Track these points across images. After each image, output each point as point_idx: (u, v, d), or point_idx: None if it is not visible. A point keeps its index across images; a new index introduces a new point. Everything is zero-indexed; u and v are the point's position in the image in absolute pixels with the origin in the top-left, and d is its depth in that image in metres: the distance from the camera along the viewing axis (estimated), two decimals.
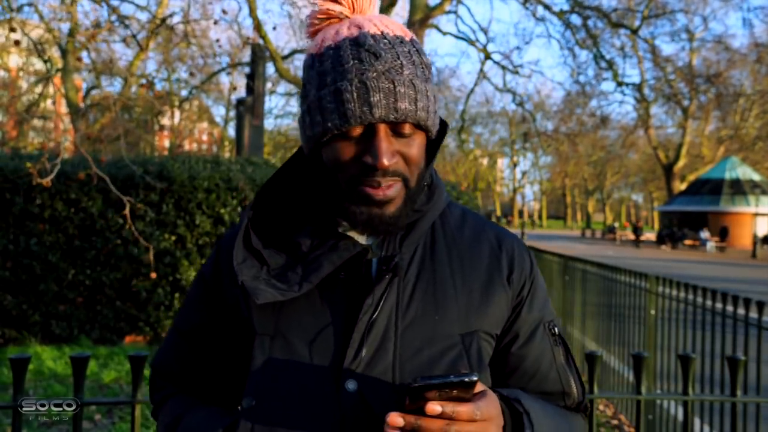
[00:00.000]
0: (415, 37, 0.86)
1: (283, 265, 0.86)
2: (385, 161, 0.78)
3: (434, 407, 0.68)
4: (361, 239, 0.88)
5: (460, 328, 0.86)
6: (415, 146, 0.82)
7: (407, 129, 0.80)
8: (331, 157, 0.81)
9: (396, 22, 0.86)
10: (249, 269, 0.85)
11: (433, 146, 0.90)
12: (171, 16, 7.75)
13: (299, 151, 0.94)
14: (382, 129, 0.79)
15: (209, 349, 0.96)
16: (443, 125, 0.92)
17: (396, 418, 0.69)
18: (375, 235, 0.86)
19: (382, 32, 0.81)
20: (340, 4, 0.85)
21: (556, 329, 0.96)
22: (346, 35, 0.81)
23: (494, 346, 0.92)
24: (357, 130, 0.79)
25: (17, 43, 4.87)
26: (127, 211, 4.57)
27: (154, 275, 5.04)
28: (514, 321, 0.92)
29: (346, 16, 0.85)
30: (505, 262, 0.93)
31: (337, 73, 0.79)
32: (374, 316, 0.81)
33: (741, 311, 2.88)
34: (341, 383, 0.80)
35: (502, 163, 68.53)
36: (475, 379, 0.69)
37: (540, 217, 78.52)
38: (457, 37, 17.29)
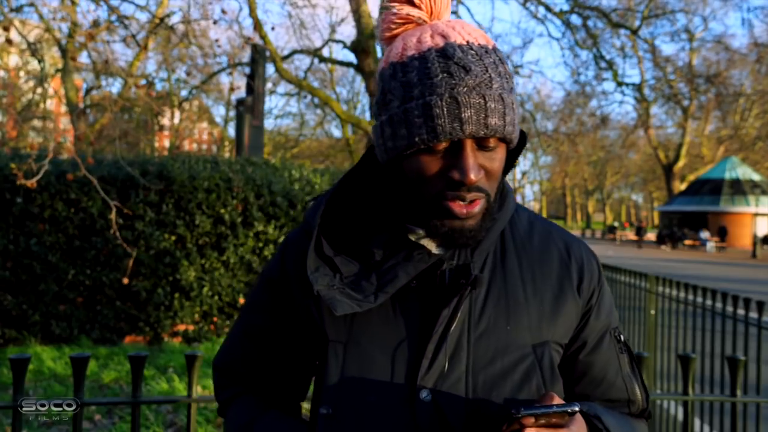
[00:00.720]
0: (497, 46, 0.84)
1: (357, 274, 0.85)
2: (473, 176, 0.76)
3: None
4: (433, 247, 0.87)
5: (533, 339, 0.86)
6: (498, 160, 0.81)
7: (492, 143, 0.79)
8: (415, 170, 0.80)
9: (478, 30, 0.84)
10: (323, 278, 0.84)
11: (511, 155, 0.90)
12: (169, 15, 7.75)
13: (366, 157, 0.93)
14: (470, 144, 0.77)
15: (275, 352, 0.97)
16: (522, 135, 0.90)
17: None
18: (455, 246, 0.85)
19: (468, 42, 0.79)
20: (418, 8, 0.83)
21: (621, 336, 0.96)
22: (431, 45, 0.79)
23: (562, 354, 0.92)
24: (443, 144, 0.77)
25: (10, 42, 4.86)
26: (113, 215, 4.57)
27: (126, 281, 5.04)
28: (583, 329, 0.92)
29: (425, 21, 0.84)
30: (575, 270, 0.92)
31: (425, 86, 0.76)
32: (450, 326, 0.81)
33: (741, 311, 2.88)
34: (416, 393, 0.80)
35: None
36: (577, 409, 0.70)
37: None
38: None
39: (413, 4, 0.84)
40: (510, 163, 0.90)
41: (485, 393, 0.81)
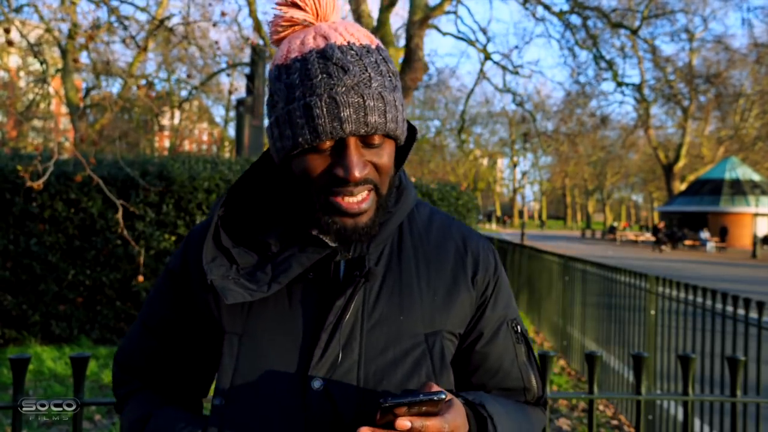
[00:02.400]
0: (381, 44, 0.86)
1: (253, 265, 0.86)
2: (357, 174, 0.78)
3: (404, 423, 0.71)
4: (330, 241, 0.88)
5: (425, 328, 0.88)
6: (385, 155, 0.83)
7: (377, 140, 0.81)
8: (302, 169, 0.82)
9: (362, 29, 0.86)
10: (218, 268, 0.85)
11: (402, 151, 0.92)
12: (169, 18, 7.75)
13: (266, 153, 0.95)
14: (353, 142, 0.79)
15: (175, 345, 0.96)
16: (412, 130, 0.93)
17: None
18: (349, 243, 0.87)
19: (348, 42, 0.81)
20: (303, 10, 0.85)
21: (518, 327, 0.98)
22: (313, 46, 0.80)
23: (458, 345, 0.94)
24: (327, 143, 0.79)
25: (11, 43, 4.86)
26: (119, 214, 4.57)
27: (141, 279, 5.04)
28: (479, 320, 0.94)
29: (311, 23, 0.85)
30: (470, 262, 0.94)
31: (305, 87, 0.78)
32: (343, 317, 0.83)
33: (741, 311, 2.88)
34: (308, 382, 0.81)
35: (502, 163, 68.56)
36: (444, 397, 0.72)
37: (540, 217, 78.53)
38: (457, 37, 17.28)
39: (298, 7, 0.85)
40: (401, 159, 0.92)
41: (376, 382, 0.83)
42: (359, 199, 0.81)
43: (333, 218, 0.82)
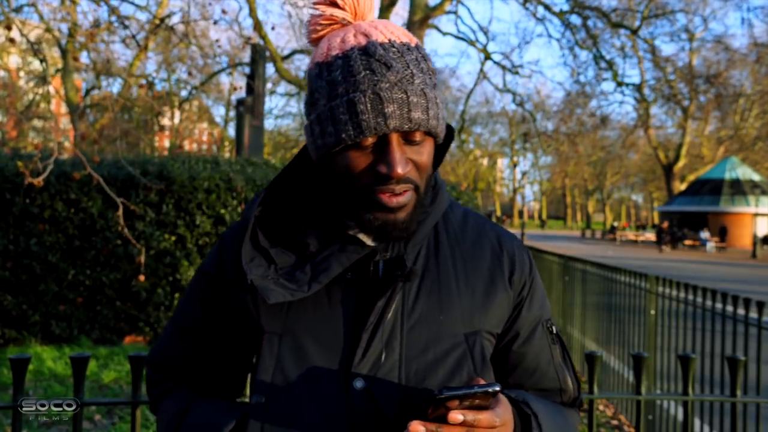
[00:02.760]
0: (419, 43, 0.87)
1: (292, 265, 0.86)
2: (400, 170, 0.78)
3: (456, 416, 0.70)
4: (368, 240, 0.88)
5: (464, 328, 0.88)
6: (425, 153, 0.84)
7: (418, 136, 0.81)
8: (344, 167, 0.82)
9: (400, 28, 0.86)
10: (257, 268, 0.85)
11: (439, 150, 0.92)
12: (169, 16, 7.75)
13: (302, 152, 0.95)
14: (395, 138, 0.79)
15: (211, 346, 0.97)
16: (449, 130, 0.93)
17: (417, 427, 0.71)
18: (388, 239, 0.87)
19: (389, 40, 0.81)
20: (342, 9, 0.86)
21: (553, 327, 0.99)
22: (354, 44, 0.81)
23: (494, 345, 0.94)
24: (369, 140, 0.79)
25: (12, 41, 4.86)
26: (120, 213, 4.57)
27: (142, 278, 5.03)
28: (515, 320, 0.94)
29: (349, 22, 0.86)
30: (507, 262, 0.95)
31: (348, 83, 0.79)
32: (383, 317, 0.83)
33: (741, 311, 2.88)
34: (350, 381, 0.81)
35: (502, 163, 68.58)
36: (498, 389, 0.71)
37: (540, 216, 78.54)
38: (457, 37, 17.29)
39: (337, 6, 0.86)
40: (439, 158, 0.93)
41: (418, 381, 0.83)
42: (400, 196, 0.82)
43: (374, 214, 0.82)
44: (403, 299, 0.86)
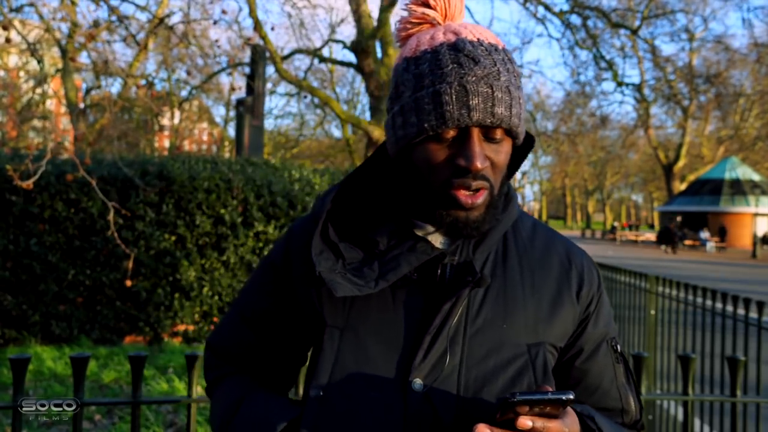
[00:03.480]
0: (506, 48, 0.88)
1: (359, 261, 0.87)
2: (479, 164, 0.78)
3: (526, 422, 0.69)
4: (438, 243, 0.88)
5: (528, 338, 0.87)
6: (503, 153, 0.84)
7: (498, 134, 0.81)
8: (423, 158, 0.82)
9: (489, 31, 0.87)
10: (326, 261, 0.86)
11: (516, 157, 0.92)
12: (169, 16, 7.74)
13: (379, 150, 0.96)
14: (476, 132, 0.80)
15: (270, 336, 0.98)
16: (529, 138, 0.93)
17: (484, 430, 0.70)
18: (455, 238, 0.87)
19: (478, 39, 0.82)
20: (433, 9, 0.87)
21: (618, 347, 0.97)
22: (443, 40, 0.82)
23: (557, 359, 0.93)
24: (451, 133, 0.80)
25: (8, 40, 4.85)
26: (111, 217, 4.56)
27: (129, 283, 5.03)
28: (580, 335, 0.94)
29: (439, 22, 0.87)
30: (575, 276, 0.94)
31: (435, 76, 0.79)
32: (448, 320, 0.83)
33: (741, 311, 2.88)
34: (408, 383, 0.81)
35: None
36: (572, 397, 0.70)
37: (540, 217, 78.54)
38: None
39: (428, 6, 0.88)
40: (516, 163, 0.93)
41: (477, 388, 0.82)
42: (475, 194, 0.82)
43: (448, 211, 0.82)
44: (468, 304, 0.85)
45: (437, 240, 0.89)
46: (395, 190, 0.90)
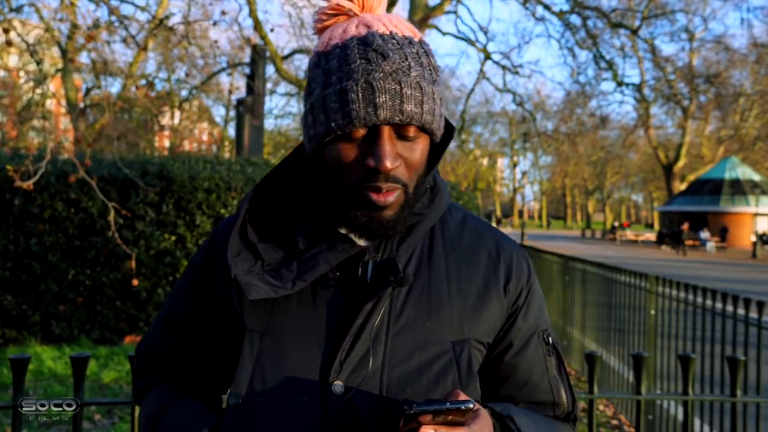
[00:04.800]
0: (424, 39, 0.84)
1: (279, 262, 0.84)
2: (388, 164, 0.76)
3: (428, 431, 0.68)
4: (359, 240, 0.86)
5: (452, 336, 0.85)
6: (418, 151, 0.81)
7: (412, 132, 0.78)
8: (334, 158, 0.80)
9: (406, 22, 0.84)
10: (243, 263, 0.83)
11: (437, 149, 0.89)
12: (168, 17, 7.75)
13: (299, 147, 0.93)
14: (386, 131, 0.77)
15: (197, 340, 0.95)
16: (449, 128, 0.90)
17: None
18: (372, 237, 0.84)
19: (391, 32, 0.79)
20: (350, 0, 0.84)
21: (550, 339, 0.95)
22: (354, 34, 0.79)
23: (486, 354, 0.91)
24: (360, 132, 0.77)
25: (10, 44, 4.85)
26: (111, 217, 4.56)
27: (136, 282, 5.04)
28: (509, 330, 0.91)
29: (356, 14, 0.84)
30: (503, 270, 0.91)
31: (343, 72, 0.77)
32: (369, 320, 0.80)
33: (741, 311, 2.88)
34: (329, 386, 0.79)
35: (502, 163, 68.56)
36: (471, 407, 0.69)
37: (540, 216, 78.56)
38: (457, 37, 17.29)
39: None
40: (436, 157, 0.89)
41: (400, 388, 0.80)
42: (386, 194, 0.79)
43: (361, 211, 0.80)
44: (391, 303, 0.83)
45: (359, 237, 0.86)
46: (314, 188, 0.88)
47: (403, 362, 0.81)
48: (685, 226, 29.92)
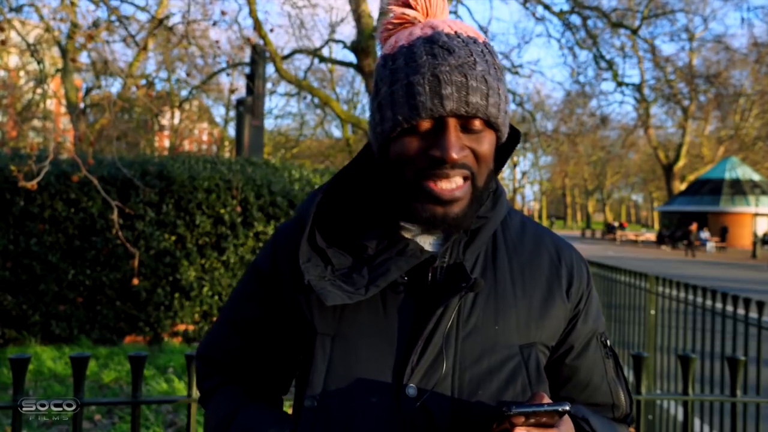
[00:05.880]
0: (488, 41, 0.86)
1: (349, 267, 0.85)
2: (454, 154, 0.76)
3: None
4: (427, 245, 0.87)
5: (520, 339, 0.86)
6: (486, 143, 0.81)
7: (477, 125, 0.79)
8: (399, 152, 0.80)
9: (469, 26, 0.86)
10: (314, 268, 0.84)
11: (502, 152, 0.90)
12: (169, 16, 7.74)
13: (364, 151, 0.94)
14: (452, 123, 0.78)
15: (261, 344, 0.96)
16: (515, 133, 0.91)
17: None
18: (437, 230, 0.85)
19: (456, 32, 0.81)
20: (413, 8, 0.86)
21: (607, 341, 0.97)
22: (420, 35, 0.81)
23: (548, 357, 0.92)
24: (426, 124, 0.78)
25: (4, 42, 4.85)
26: (115, 216, 4.56)
27: (136, 281, 5.04)
28: (570, 333, 0.93)
29: (420, 21, 0.86)
30: (565, 274, 0.93)
31: (410, 68, 0.78)
32: (440, 324, 0.81)
33: (741, 311, 2.88)
34: (402, 388, 0.80)
35: None
36: (568, 408, 0.70)
37: (549, 217, 78.60)
38: None
39: (409, 6, 0.86)
40: (503, 158, 0.90)
41: (471, 391, 0.81)
42: (453, 186, 0.79)
43: (424, 205, 0.80)
44: (460, 307, 0.84)
45: (427, 241, 0.88)
46: (381, 190, 0.88)
47: (474, 365, 0.82)
48: (694, 227, 29.52)
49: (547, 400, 0.74)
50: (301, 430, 0.82)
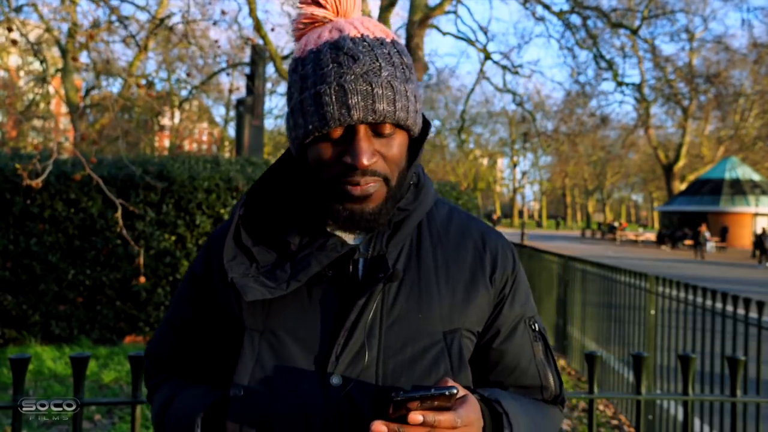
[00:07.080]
0: (396, 39, 0.88)
1: (273, 263, 0.88)
2: (365, 161, 0.79)
3: (416, 417, 0.71)
4: (349, 239, 0.90)
5: (444, 326, 0.89)
6: (396, 146, 0.84)
7: (387, 129, 0.82)
8: (314, 158, 0.84)
9: (378, 24, 0.88)
10: (239, 266, 0.87)
11: (416, 145, 0.92)
12: (169, 16, 7.75)
13: (287, 152, 0.97)
14: (362, 130, 0.81)
15: (200, 342, 1.00)
16: (426, 124, 0.93)
17: (380, 426, 0.72)
18: (356, 230, 0.88)
19: (362, 35, 0.83)
20: (323, 8, 0.87)
21: (536, 325, 0.99)
22: (327, 39, 0.83)
23: (475, 343, 0.95)
24: (337, 132, 0.81)
25: (14, 42, 4.86)
26: (119, 214, 4.57)
27: (143, 279, 5.04)
28: (496, 318, 0.95)
29: (330, 20, 0.87)
30: (489, 260, 0.95)
31: (317, 76, 0.81)
32: (363, 315, 0.84)
33: (741, 311, 2.88)
34: (326, 378, 0.82)
35: (502, 163, 68.56)
36: (455, 392, 0.73)
37: (540, 217, 78.59)
38: (457, 37, 17.28)
39: (318, 4, 0.88)
40: (415, 152, 0.92)
41: (395, 379, 0.84)
42: (365, 185, 0.82)
43: (342, 204, 0.84)
44: (383, 298, 0.86)
45: (350, 236, 0.90)
46: (302, 190, 0.91)
47: (397, 354, 0.85)
48: (703, 228, 29.21)
49: (450, 384, 0.76)
50: (229, 417, 0.85)
